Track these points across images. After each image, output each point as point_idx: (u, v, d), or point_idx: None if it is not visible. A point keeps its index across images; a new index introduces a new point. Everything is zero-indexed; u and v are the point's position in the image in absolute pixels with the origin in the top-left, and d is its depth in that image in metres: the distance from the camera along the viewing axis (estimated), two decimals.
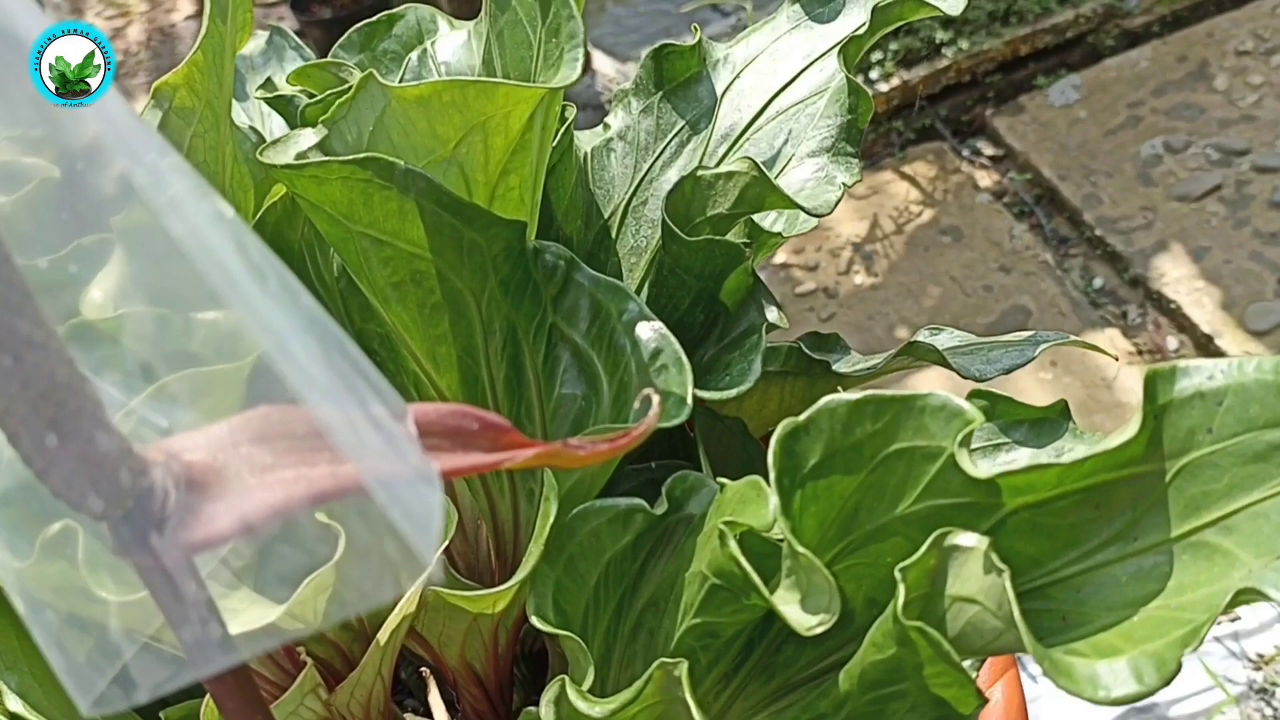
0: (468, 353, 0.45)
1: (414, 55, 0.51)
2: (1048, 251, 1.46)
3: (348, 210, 0.42)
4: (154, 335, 0.37)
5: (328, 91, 0.46)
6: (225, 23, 0.44)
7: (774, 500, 0.37)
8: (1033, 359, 0.55)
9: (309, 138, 0.45)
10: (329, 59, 0.50)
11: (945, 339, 0.59)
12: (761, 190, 0.48)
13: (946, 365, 0.54)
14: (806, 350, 0.53)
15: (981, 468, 0.35)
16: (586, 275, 0.45)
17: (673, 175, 0.53)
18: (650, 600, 0.44)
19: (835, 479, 0.38)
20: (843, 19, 0.53)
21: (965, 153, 1.59)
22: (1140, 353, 1.36)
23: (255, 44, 0.68)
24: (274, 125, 0.63)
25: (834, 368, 0.58)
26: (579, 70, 0.38)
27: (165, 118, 0.43)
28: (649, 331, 0.44)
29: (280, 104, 0.57)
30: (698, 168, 0.49)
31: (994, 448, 0.46)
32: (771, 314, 0.49)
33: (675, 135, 0.53)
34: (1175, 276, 1.39)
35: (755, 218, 0.52)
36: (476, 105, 0.39)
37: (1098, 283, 1.43)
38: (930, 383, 1.36)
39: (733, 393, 0.46)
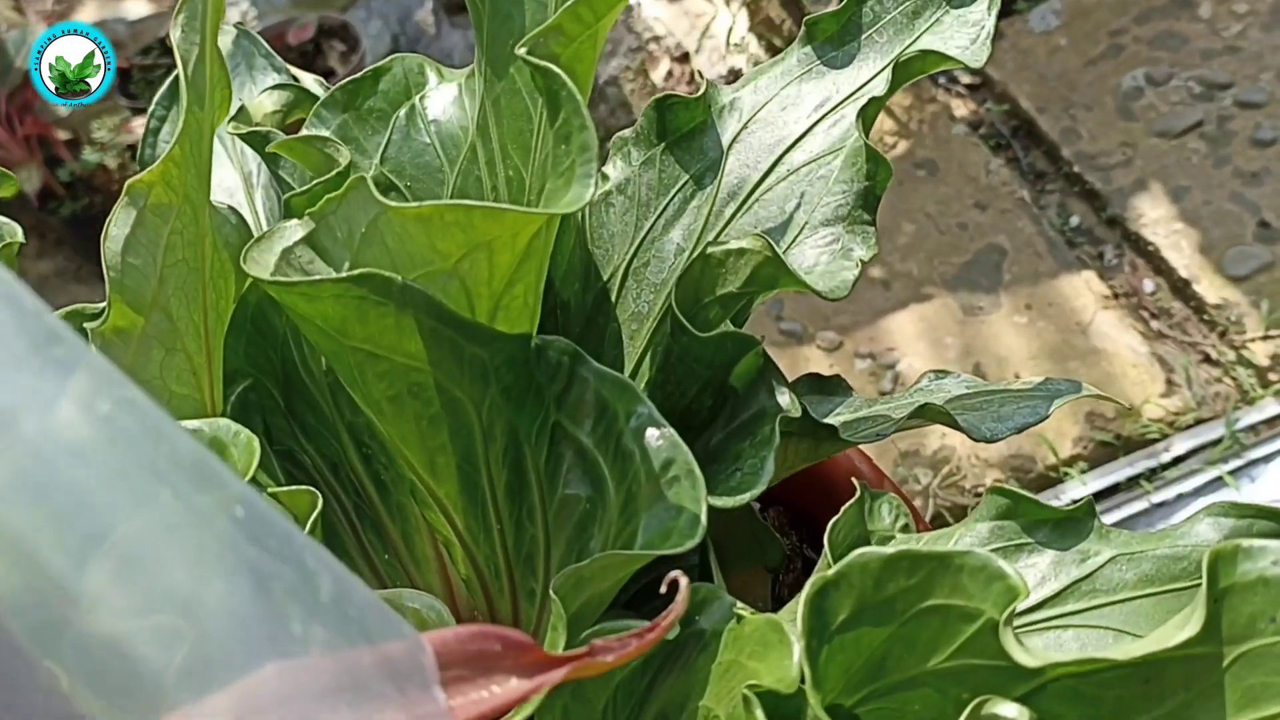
0: (467, 460, 0.42)
1: (402, 113, 0.47)
2: (1024, 188, 1.44)
3: (340, 325, 0.39)
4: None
5: (315, 182, 0.42)
6: (203, 108, 0.40)
7: (798, 655, 0.36)
8: (1045, 418, 0.53)
9: (295, 231, 0.41)
10: (312, 134, 0.46)
11: (953, 386, 0.57)
12: (774, 271, 0.45)
13: (956, 426, 0.52)
14: (812, 414, 0.51)
15: (1027, 654, 0.33)
16: (592, 370, 0.43)
17: (676, 235, 0.50)
18: (657, 716, 0.43)
19: (864, 630, 0.36)
20: (857, 65, 0.50)
21: (941, 80, 1.55)
22: (1116, 296, 1.35)
23: (220, 44, 0.63)
24: (248, 158, 0.59)
25: (838, 417, 0.56)
26: (593, 188, 0.35)
27: (140, 216, 0.39)
28: (660, 440, 0.42)
29: (255, 140, 0.53)
30: (706, 245, 0.46)
31: (1015, 548, 0.45)
32: (783, 398, 0.46)
33: (679, 190, 0.50)
34: (1154, 217, 1.37)
35: None
36: (482, 227, 0.36)
37: (1074, 221, 1.41)
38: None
39: (745, 497, 0.43)
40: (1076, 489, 1.24)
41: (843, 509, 0.44)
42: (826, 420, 0.50)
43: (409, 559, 0.47)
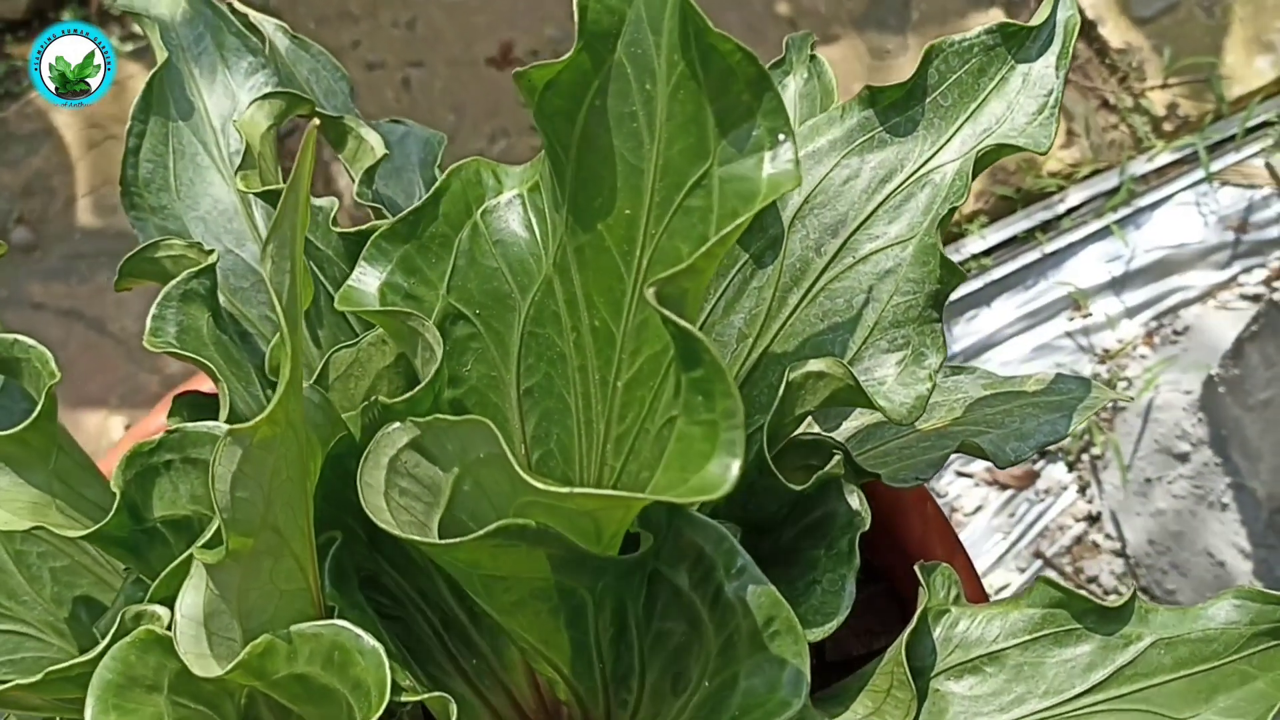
0: (574, 625, 0.43)
1: (464, 234, 0.44)
2: None
3: (470, 561, 0.39)
4: None
5: (417, 389, 0.40)
6: (297, 332, 0.37)
7: None
8: (1065, 436, 0.55)
9: (400, 435, 0.40)
10: (389, 308, 0.43)
11: (970, 386, 0.58)
12: (851, 395, 0.46)
13: (984, 456, 0.54)
14: (856, 461, 0.52)
15: None
16: (686, 519, 0.43)
17: (738, 321, 0.49)
18: None
19: None
20: (922, 132, 0.48)
21: None
22: None
23: (172, 6, 0.57)
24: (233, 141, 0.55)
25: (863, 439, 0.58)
26: (738, 465, 0.35)
27: (246, 453, 0.38)
28: (761, 595, 0.43)
29: (277, 201, 0.50)
30: (785, 361, 0.46)
31: (1066, 633, 0.48)
32: (854, 501, 0.48)
33: (739, 270, 0.49)
34: None
35: None
36: (605, 513, 0.36)
37: None
38: None
39: (832, 625, 0.46)
40: (976, 243, 1.28)
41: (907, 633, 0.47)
42: (869, 468, 0.52)
43: (498, 664, 0.48)
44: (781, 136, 0.38)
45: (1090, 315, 1.27)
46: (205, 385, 0.63)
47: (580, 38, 0.39)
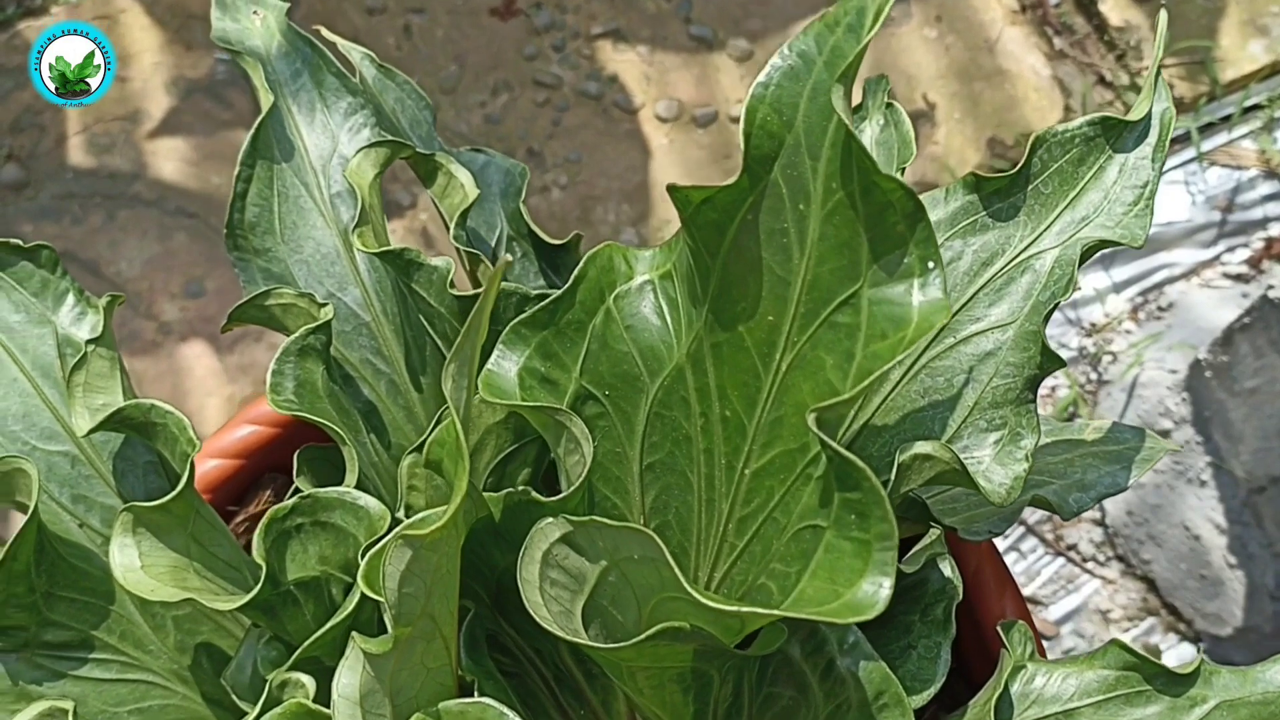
0: (701, 700, 0.46)
1: (598, 320, 0.46)
2: None
3: (623, 655, 0.41)
4: None
5: (572, 490, 0.42)
6: (468, 440, 0.39)
7: None
8: (1126, 489, 0.58)
9: (553, 530, 0.42)
10: (537, 404, 0.44)
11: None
12: (955, 477, 0.48)
13: (1049, 508, 0.57)
14: (933, 513, 0.55)
15: None
16: None
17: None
18: None
19: None
20: (1024, 218, 0.51)
21: None
22: (1024, 9, 1.36)
23: (266, 38, 0.57)
24: (341, 211, 0.56)
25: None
26: (889, 591, 0.38)
27: (416, 554, 0.40)
28: (872, 671, 0.46)
29: (395, 262, 0.51)
30: (896, 452, 0.48)
31: (1136, 694, 0.52)
32: (946, 568, 0.51)
33: None
34: None
35: None
36: (754, 617, 0.39)
37: None
38: None
39: (929, 693, 0.49)
40: None
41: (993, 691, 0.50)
42: (949, 522, 0.55)
43: (605, 717, 0.51)
44: (931, 264, 0.40)
45: (1079, 289, 1.31)
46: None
47: (744, 164, 0.40)
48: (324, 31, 0.60)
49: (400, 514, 0.50)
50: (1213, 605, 1.19)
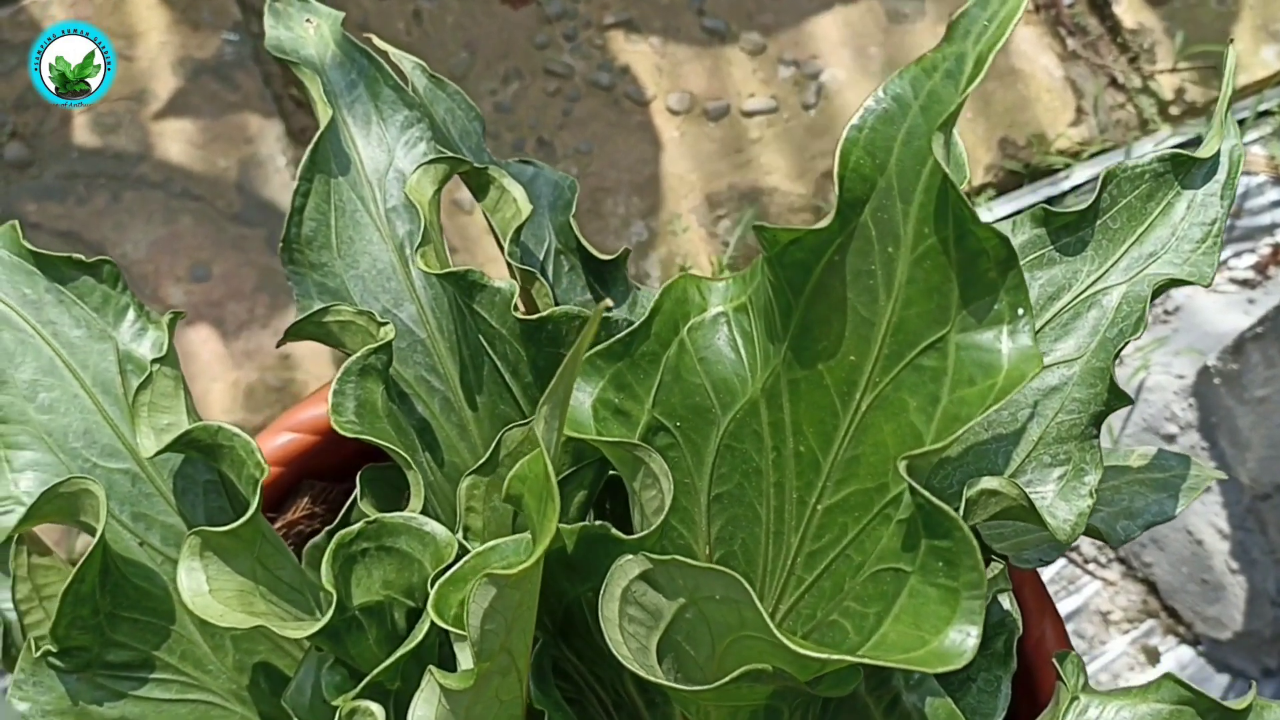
0: None
1: (671, 352, 0.46)
2: None
3: (701, 694, 0.41)
4: None
5: (650, 531, 0.42)
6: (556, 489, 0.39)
7: None
8: (1173, 517, 0.59)
9: (632, 567, 0.42)
10: (617, 439, 0.44)
11: None
12: (1021, 513, 0.48)
13: (1100, 537, 0.57)
14: (986, 542, 0.55)
15: None
16: None
17: None
18: None
19: None
20: (1091, 253, 0.51)
21: None
22: (1038, 9, 1.36)
23: (321, 47, 0.57)
24: (397, 226, 0.55)
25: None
26: (977, 639, 0.38)
27: (500, 593, 0.40)
28: (939, 707, 0.46)
29: (460, 284, 0.51)
30: (965, 487, 0.48)
31: None
32: (1005, 602, 0.51)
33: None
34: None
35: None
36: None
37: None
38: None
39: None
40: (983, 215, 1.31)
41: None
42: (996, 550, 0.55)
43: None
44: (1021, 311, 0.40)
45: (1148, 326, 1.31)
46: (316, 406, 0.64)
47: (837, 208, 0.40)
48: (375, 40, 0.60)
49: (459, 536, 0.50)
50: (1213, 609, 1.20)
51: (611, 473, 0.53)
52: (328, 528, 0.54)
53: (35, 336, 0.48)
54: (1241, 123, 1.32)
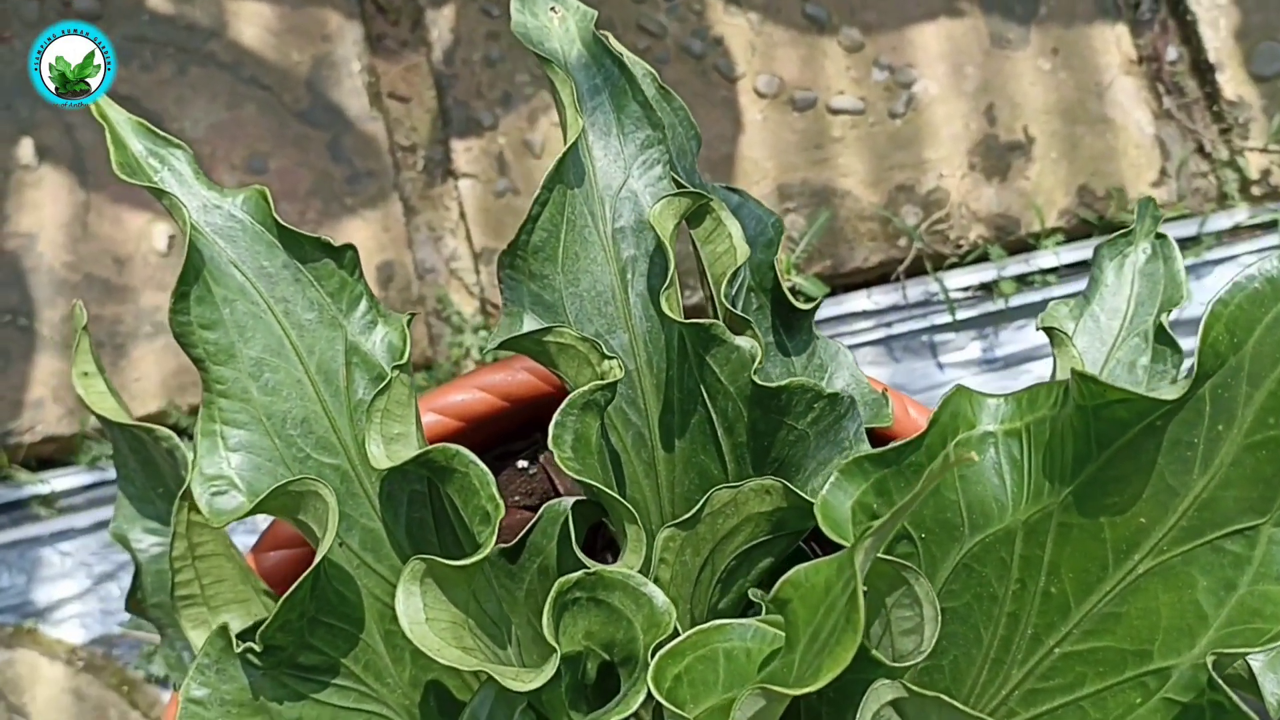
0: None
1: (935, 465, 0.44)
2: None
3: None
4: None
5: (911, 663, 0.41)
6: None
7: None
8: None
9: (886, 692, 0.41)
10: (890, 559, 0.42)
11: None
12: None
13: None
14: None
15: None
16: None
17: None
18: None
19: None
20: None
21: None
22: (1140, 60, 1.35)
23: (565, 43, 0.54)
24: (622, 248, 0.53)
25: None
26: None
27: (765, 707, 0.38)
28: None
29: (700, 335, 0.49)
30: None
31: None
32: None
33: None
34: None
35: None
36: None
37: None
38: None
39: None
40: (1048, 259, 1.30)
41: None
42: None
43: None
44: None
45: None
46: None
47: (1195, 376, 0.39)
48: (611, 41, 0.57)
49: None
50: None
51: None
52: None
53: (268, 313, 0.45)
54: None
